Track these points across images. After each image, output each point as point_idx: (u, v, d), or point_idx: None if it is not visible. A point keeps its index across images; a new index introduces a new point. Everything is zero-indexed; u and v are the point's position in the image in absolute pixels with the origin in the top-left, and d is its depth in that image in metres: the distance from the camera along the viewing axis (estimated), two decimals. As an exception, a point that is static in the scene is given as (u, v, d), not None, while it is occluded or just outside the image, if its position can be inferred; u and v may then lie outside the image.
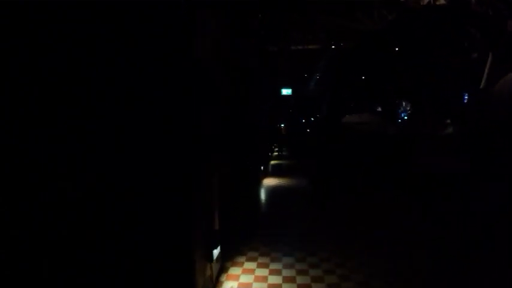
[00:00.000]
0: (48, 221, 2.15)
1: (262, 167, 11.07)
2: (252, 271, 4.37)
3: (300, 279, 4.11)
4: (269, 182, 10.70)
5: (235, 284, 4.05)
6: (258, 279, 4.14)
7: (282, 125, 30.62)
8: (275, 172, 13.13)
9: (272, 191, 9.43)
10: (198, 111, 3.47)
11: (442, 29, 12.91)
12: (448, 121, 8.76)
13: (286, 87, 17.21)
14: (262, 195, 9.02)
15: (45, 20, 2.14)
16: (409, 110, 19.65)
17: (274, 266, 4.51)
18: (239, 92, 8.68)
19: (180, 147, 3.10)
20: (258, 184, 9.56)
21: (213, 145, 4.19)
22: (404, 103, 20.13)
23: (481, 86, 9.69)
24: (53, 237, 2.26)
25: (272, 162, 16.52)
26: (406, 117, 19.21)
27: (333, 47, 20.40)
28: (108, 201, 2.76)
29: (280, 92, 16.78)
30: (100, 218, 2.70)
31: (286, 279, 4.11)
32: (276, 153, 20.37)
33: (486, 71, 9.70)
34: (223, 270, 4.39)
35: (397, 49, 15.28)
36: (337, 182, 8.83)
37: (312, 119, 25.25)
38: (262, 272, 4.33)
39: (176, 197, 3.10)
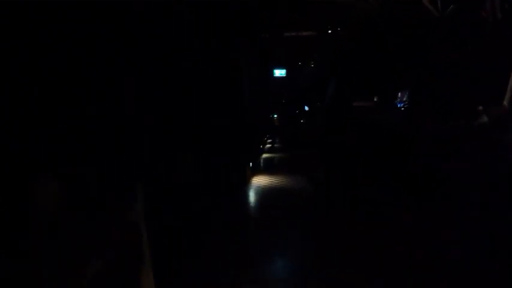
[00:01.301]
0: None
1: (251, 163, 9.02)
2: None
3: None
4: (260, 181, 8.68)
5: None
6: None
7: (275, 116, 28.69)
8: (267, 168, 11.11)
9: (263, 194, 7.48)
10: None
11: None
12: (480, 108, 6.68)
13: (280, 67, 15.03)
14: (251, 200, 6.98)
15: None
16: (405, 100, 17.92)
17: None
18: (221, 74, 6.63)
19: None
20: (242, 187, 7.49)
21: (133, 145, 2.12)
22: (400, 94, 18.39)
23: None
24: None
25: (264, 155, 14.48)
26: (402, 108, 17.53)
27: (330, 31, 18.73)
28: None
29: (272, 74, 14.61)
30: None
31: None
32: (268, 146, 18.34)
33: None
34: None
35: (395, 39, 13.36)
36: (337, 173, 6.85)
37: (307, 108, 23.34)
38: None
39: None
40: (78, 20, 2.03)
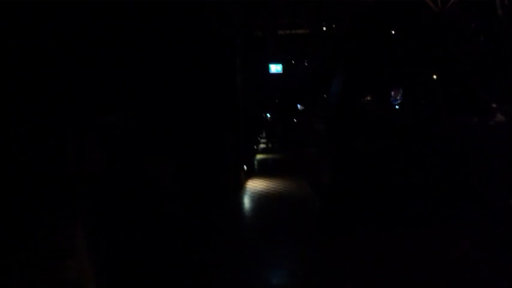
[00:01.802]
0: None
1: (245, 166, 8.26)
2: None
3: None
4: (256, 185, 7.86)
5: None
6: None
7: (268, 115, 27.95)
8: (263, 170, 10.29)
9: (259, 203, 6.49)
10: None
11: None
12: (494, 105, 6.06)
13: (276, 62, 14.25)
14: (246, 211, 6.04)
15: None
16: (399, 98, 17.42)
17: None
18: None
19: None
20: (236, 194, 6.65)
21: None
22: (393, 92, 17.89)
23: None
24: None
25: (258, 156, 13.70)
26: (397, 106, 17.01)
27: (324, 28, 18.12)
28: None
29: (268, 69, 13.85)
30: None
31: None
32: (263, 146, 17.61)
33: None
34: None
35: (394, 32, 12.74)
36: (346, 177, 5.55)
37: (299, 107, 22.72)
38: None
39: None
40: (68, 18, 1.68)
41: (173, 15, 4.09)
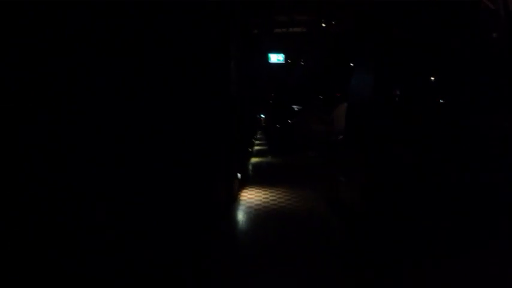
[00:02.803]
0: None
1: (239, 174, 7.02)
2: None
3: None
4: (251, 197, 6.54)
5: None
6: None
7: (262, 116, 26.99)
8: (259, 177, 8.96)
9: (258, 222, 5.07)
10: None
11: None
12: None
13: (276, 51, 13.04)
14: (241, 236, 4.63)
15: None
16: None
17: None
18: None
19: None
20: (228, 208, 5.34)
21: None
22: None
23: None
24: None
25: (253, 160, 12.47)
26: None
27: (324, 25, 17.22)
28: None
29: (267, 58, 12.66)
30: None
31: None
32: (258, 148, 16.44)
33: None
34: None
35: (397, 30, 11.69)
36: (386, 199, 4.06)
37: (296, 107, 21.66)
38: None
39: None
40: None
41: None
